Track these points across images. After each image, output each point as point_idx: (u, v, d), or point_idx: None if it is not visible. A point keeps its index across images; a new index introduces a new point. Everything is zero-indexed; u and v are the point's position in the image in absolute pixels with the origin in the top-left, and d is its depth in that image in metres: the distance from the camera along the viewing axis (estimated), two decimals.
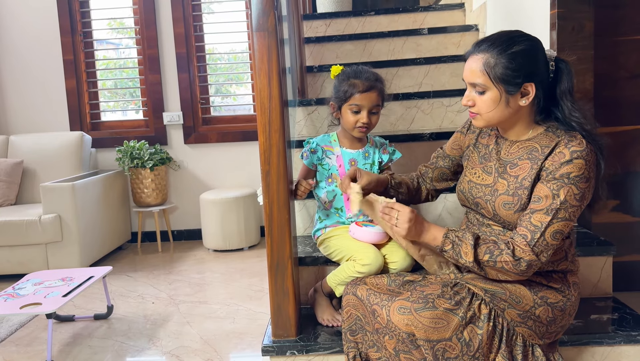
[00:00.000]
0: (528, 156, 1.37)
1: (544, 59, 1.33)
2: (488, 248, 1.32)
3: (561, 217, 1.28)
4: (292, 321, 1.64)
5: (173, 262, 3.46)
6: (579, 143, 1.29)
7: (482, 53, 1.32)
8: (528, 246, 1.28)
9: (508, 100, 1.32)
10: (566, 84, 1.33)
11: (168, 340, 2.29)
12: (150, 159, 3.65)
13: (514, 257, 1.28)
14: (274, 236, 1.60)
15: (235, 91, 4.16)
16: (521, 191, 1.35)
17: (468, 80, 1.36)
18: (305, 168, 1.85)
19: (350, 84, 1.73)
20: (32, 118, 3.99)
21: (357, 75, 1.75)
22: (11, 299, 2.20)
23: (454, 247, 1.34)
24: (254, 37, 1.52)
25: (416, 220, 1.39)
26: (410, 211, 1.39)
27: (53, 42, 3.92)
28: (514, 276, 1.31)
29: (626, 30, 2.09)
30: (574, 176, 1.27)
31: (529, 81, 1.30)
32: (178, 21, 3.87)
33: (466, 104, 1.38)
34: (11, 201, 3.52)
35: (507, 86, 1.30)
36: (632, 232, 2.19)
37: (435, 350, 1.32)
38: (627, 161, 2.16)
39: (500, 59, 1.29)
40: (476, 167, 1.50)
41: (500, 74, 1.30)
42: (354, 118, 1.74)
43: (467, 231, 1.36)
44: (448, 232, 1.37)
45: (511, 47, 1.30)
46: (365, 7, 4.48)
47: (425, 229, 1.40)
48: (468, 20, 3.17)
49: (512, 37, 1.32)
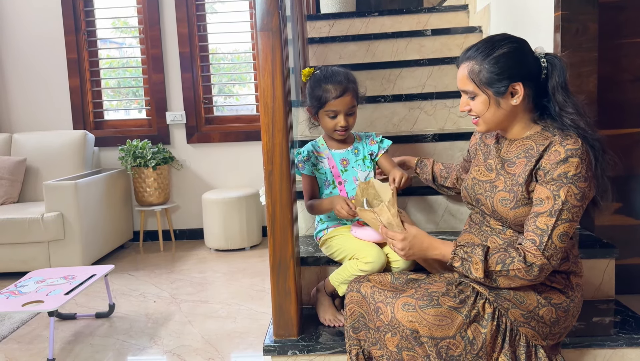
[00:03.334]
0: (525, 155, 1.39)
1: (533, 58, 1.37)
2: (499, 257, 1.32)
3: (565, 218, 1.28)
4: (294, 321, 1.64)
5: (175, 261, 3.46)
6: (574, 142, 1.30)
7: (468, 61, 1.38)
8: (538, 250, 1.28)
9: (498, 102, 1.36)
10: (557, 79, 1.36)
11: (169, 339, 2.29)
12: (152, 159, 3.66)
13: (526, 263, 1.28)
14: (276, 236, 1.60)
15: (238, 91, 4.17)
16: (517, 188, 1.37)
17: (459, 88, 1.42)
18: (307, 179, 1.83)
19: (323, 89, 1.71)
20: (36, 116, 4.00)
21: (328, 79, 1.72)
22: (13, 297, 2.20)
23: (463, 263, 1.35)
24: (258, 37, 1.53)
25: (412, 244, 1.42)
26: (402, 239, 1.43)
27: (57, 41, 3.93)
28: (526, 283, 1.31)
29: (630, 33, 2.09)
30: (572, 175, 1.28)
31: (516, 81, 1.34)
32: (182, 21, 3.87)
33: (464, 109, 1.43)
34: (14, 199, 3.53)
35: (493, 88, 1.35)
36: (634, 235, 2.19)
37: (438, 348, 1.32)
38: (630, 164, 2.15)
39: (483, 65, 1.35)
40: (480, 165, 1.53)
41: (486, 79, 1.35)
42: (331, 123, 1.74)
43: (477, 246, 1.35)
44: (456, 248, 1.37)
45: (493, 52, 1.34)
46: (369, 8, 4.48)
47: (428, 247, 1.42)
48: (472, 22, 3.17)
49: (494, 42, 1.36)
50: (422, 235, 1.44)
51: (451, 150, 2.24)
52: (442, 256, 1.40)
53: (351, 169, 1.81)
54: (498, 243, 1.44)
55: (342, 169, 1.80)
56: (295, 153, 1.82)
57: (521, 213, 1.37)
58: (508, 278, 1.31)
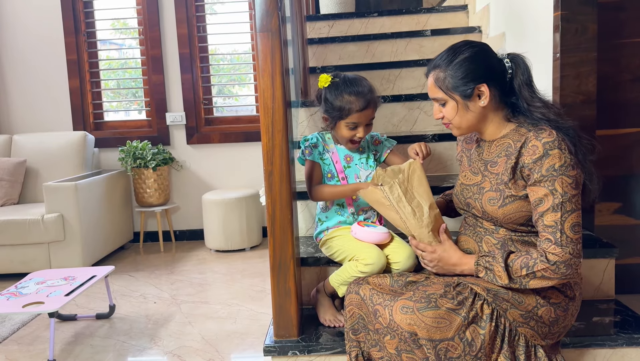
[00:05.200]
0: (505, 153, 1.42)
1: (496, 60, 1.41)
2: (522, 261, 1.32)
3: (569, 209, 1.30)
4: (294, 322, 1.64)
5: (175, 262, 3.46)
6: (548, 134, 1.33)
7: (434, 70, 1.43)
8: (557, 247, 1.29)
9: (467, 105, 1.41)
10: (522, 76, 1.41)
11: (170, 339, 2.29)
12: (152, 159, 3.66)
13: (549, 262, 1.29)
14: (277, 236, 1.60)
15: (237, 92, 4.17)
16: (502, 186, 1.40)
17: (430, 96, 1.47)
18: (313, 165, 1.79)
19: (346, 101, 1.67)
20: (36, 118, 4.00)
21: (353, 91, 1.67)
22: (14, 298, 2.20)
23: (487, 273, 1.38)
24: (258, 38, 1.53)
25: (440, 259, 1.46)
26: (431, 252, 1.47)
27: (57, 42, 3.93)
28: (560, 281, 1.32)
29: (629, 33, 2.09)
30: (559, 167, 1.30)
31: (480, 82, 1.38)
32: (181, 22, 3.88)
33: (438, 117, 1.48)
34: (14, 200, 3.53)
35: (459, 93, 1.40)
36: (634, 235, 2.19)
37: (437, 350, 1.32)
38: (629, 164, 2.15)
39: (447, 71, 1.40)
40: (465, 171, 1.55)
41: (451, 85, 1.40)
42: (350, 133, 1.73)
43: (497, 253, 1.38)
44: (479, 259, 1.40)
45: (456, 58, 1.40)
46: (369, 9, 4.48)
47: (457, 263, 1.45)
48: (471, 22, 3.17)
49: (456, 49, 1.42)
50: (452, 250, 1.46)
51: (451, 150, 2.24)
52: (469, 270, 1.43)
53: (354, 166, 1.81)
54: (492, 243, 1.45)
55: (345, 165, 1.80)
56: (302, 139, 1.81)
57: (509, 211, 1.39)
58: (537, 279, 1.31)
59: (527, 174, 1.35)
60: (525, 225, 1.41)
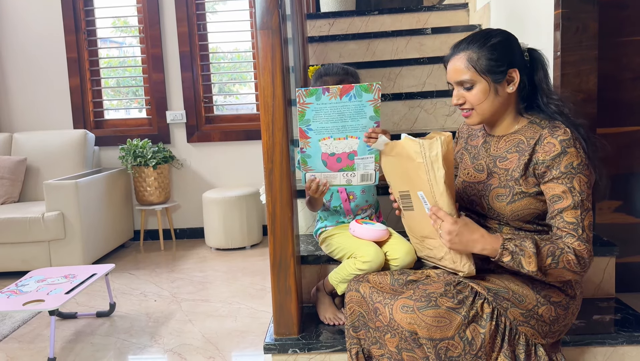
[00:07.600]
0: (516, 149, 1.40)
1: (519, 50, 1.41)
2: (549, 250, 1.29)
3: (586, 208, 1.31)
4: (294, 320, 1.64)
5: (175, 260, 3.47)
6: (564, 132, 1.33)
7: (463, 52, 1.39)
8: (582, 243, 1.30)
9: (497, 89, 1.38)
10: (542, 71, 1.41)
11: (170, 337, 2.29)
12: (153, 158, 3.66)
13: (577, 256, 1.29)
14: (277, 234, 1.60)
15: (238, 90, 4.17)
16: (512, 183, 1.39)
17: (454, 79, 1.41)
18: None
19: (322, 81, 1.79)
20: (36, 116, 4.00)
21: (327, 72, 1.81)
22: (14, 296, 2.21)
23: (513, 257, 1.29)
24: (258, 36, 1.53)
25: (459, 233, 1.31)
26: (453, 222, 1.31)
27: (57, 41, 3.93)
28: (574, 275, 1.31)
29: (631, 31, 2.08)
30: (577, 165, 1.30)
31: (513, 67, 1.37)
32: (182, 20, 3.87)
33: (457, 102, 1.43)
34: (14, 199, 3.54)
35: (493, 75, 1.37)
36: (635, 233, 2.19)
37: (437, 349, 1.32)
38: (630, 162, 2.15)
39: (482, 52, 1.37)
40: (468, 168, 1.53)
41: (485, 65, 1.36)
42: None
43: (525, 238, 1.31)
44: (505, 242, 1.30)
45: (489, 40, 1.38)
46: (369, 7, 4.47)
47: (478, 240, 1.32)
48: (472, 20, 3.17)
49: (488, 32, 1.41)
50: (474, 225, 1.34)
51: None
52: (489, 251, 1.31)
53: None
54: None
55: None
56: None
57: (518, 207, 1.38)
58: (558, 270, 1.29)
59: (543, 171, 1.34)
60: (531, 223, 1.41)
